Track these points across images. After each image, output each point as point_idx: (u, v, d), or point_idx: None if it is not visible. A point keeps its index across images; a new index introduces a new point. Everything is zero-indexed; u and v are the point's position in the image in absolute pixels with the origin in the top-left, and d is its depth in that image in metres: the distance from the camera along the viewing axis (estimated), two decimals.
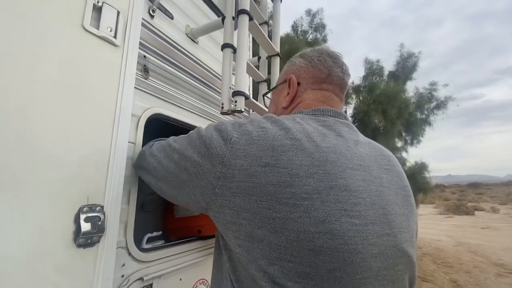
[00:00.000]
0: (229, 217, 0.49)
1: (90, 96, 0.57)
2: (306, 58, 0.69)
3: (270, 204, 0.45)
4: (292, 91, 0.68)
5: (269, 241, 0.45)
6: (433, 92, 5.92)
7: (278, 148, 0.48)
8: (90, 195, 0.56)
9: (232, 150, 0.49)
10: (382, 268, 0.47)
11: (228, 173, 0.49)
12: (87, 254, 0.54)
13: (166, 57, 0.91)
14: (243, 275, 0.49)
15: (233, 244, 0.49)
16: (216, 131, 0.54)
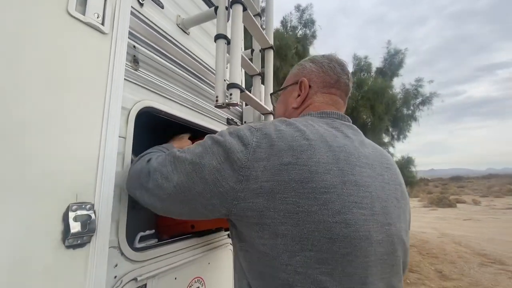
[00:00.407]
0: (252, 219, 0.52)
1: (77, 86, 0.53)
2: (317, 63, 0.74)
3: (294, 199, 0.49)
4: (303, 93, 0.72)
5: (292, 235, 0.49)
6: (418, 88, 6.06)
7: (297, 148, 0.52)
8: (79, 193, 0.52)
9: (254, 154, 0.52)
10: (384, 253, 0.54)
11: (251, 175, 0.51)
12: (77, 256, 0.51)
13: (157, 48, 0.87)
14: (265, 272, 0.52)
15: (258, 244, 0.52)
16: (235, 137, 0.56)
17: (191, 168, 0.55)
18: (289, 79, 0.79)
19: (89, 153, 0.55)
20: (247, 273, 0.55)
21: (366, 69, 6.03)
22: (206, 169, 0.54)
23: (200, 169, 0.54)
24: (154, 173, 0.59)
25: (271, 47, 1.17)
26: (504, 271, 4.64)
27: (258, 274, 0.54)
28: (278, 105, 0.83)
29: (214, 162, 0.54)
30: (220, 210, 0.55)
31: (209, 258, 1.02)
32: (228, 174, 0.52)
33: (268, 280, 0.52)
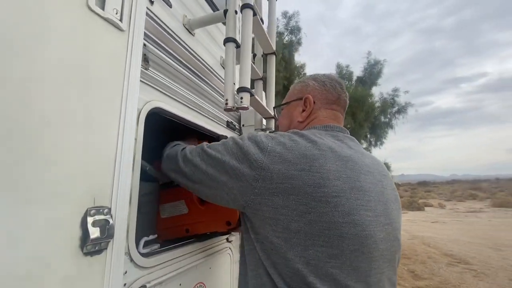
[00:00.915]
0: (267, 213, 0.59)
1: (96, 85, 0.51)
2: (319, 82, 0.82)
3: (307, 201, 0.56)
4: (309, 108, 0.80)
5: (305, 232, 0.56)
6: (395, 97, 6.41)
7: (310, 157, 0.59)
8: (96, 197, 0.50)
9: (269, 157, 0.60)
10: (385, 250, 0.62)
11: (267, 176, 0.59)
12: (94, 263, 0.48)
13: (165, 47, 0.85)
14: (280, 262, 0.58)
15: (271, 235, 0.59)
16: (252, 142, 0.64)
17: (215, 163, 0.66)
18: (292, 94, 0.86)
19: (107, 154, 0.52)
20: (264, 261, 0.61)
21: (347, 77, 6.27)
22: (227, 165, 0.63)
23: (222, 164, 0.64)
24: (188, 161, 0.71)
25: (274, 52, 1.18)
26: (469, 270, 5.00)
27: (272, 263, 0.59)
28: (281, 118, 0.89)
29: (233, 161, 0.63)
30: (239, 200, 0.63)
31: (210, 263, 1.00)
32: (246, 172, 0.60)
33: (282, 269, 0.58)
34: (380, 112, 6.20)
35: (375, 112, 5.91)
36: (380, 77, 6.51)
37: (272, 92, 1.19)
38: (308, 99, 0.80)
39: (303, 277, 0.55)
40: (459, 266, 5.29)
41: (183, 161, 0.72)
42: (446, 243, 7.35)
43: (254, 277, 0.63)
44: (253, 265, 0.64)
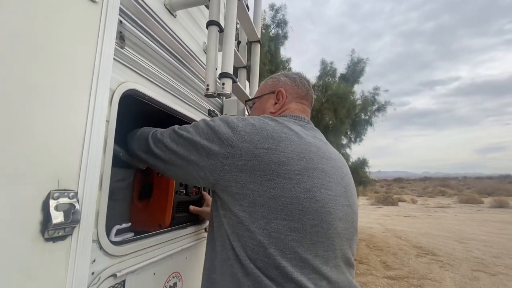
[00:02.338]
0: (235, 189, 0.63)
1: (64, 60, 0.47)
2: (290, 78, 0.89)
3: (272, 177, 0.60)
4: (281, 101, 0.85)
5: (269, 206, 0.60)
6: (376, 96, 6.59)
7: (277, 138, 0.64)
8: (61, 179, 0.46)
9: (238, 136, 0.64)
10: (343, 228, 0.66)
11: (236, 153, 0.62)
12: (57, 249, 0.45)
13: (144, 26, 0.80)
14: (244, 234, 0.61)
15: (238, 210, 0.62)
16: (223, 122, 0.67)
17: (187, 143, 0.68)
18: (264, 89, 0.92)
19: (74, 134, 0.49)
20: (230, 235, 0.64)
21: (331, 74, 6.35)
22: (198, 144, 0.66)
23: (193, 144, 0.66)
24: (158, 142, 0.72)
25: (259, 41, 1.16)
26: (436, 261, 5.34)
27: (237, 237, 0.62)
28: (253, 111, 0.93)
29: (204, 141, 0.65)
30: (209, 178, 0.66)
31: (186, 253, 0.98)
32: (216, 150, 0.64)
33: (245, 242, 0.61)
34: (361, 109, 6.35)
35: (356, 109, 6.05)
36: (362, 75, 6.66)
37: (256, 81, 1.17)
38: (281, 92, 0.85)
39: (264, 248, 0.59)
40: (427, 257, 5.63)
41: (153, 142, 0.73)
42: (416, 236, 7.78)
43: (221, 251, 0.66)
44: (221, 241, 0.67)
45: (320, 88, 6.03)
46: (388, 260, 5.41)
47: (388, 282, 4.19)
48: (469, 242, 7.08)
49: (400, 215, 13.45)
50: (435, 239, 7.40)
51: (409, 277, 4.40)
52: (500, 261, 5.32)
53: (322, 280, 0.60)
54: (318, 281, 0.60)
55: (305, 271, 0.59)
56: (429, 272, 4.66)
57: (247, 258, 0.60)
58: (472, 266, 5.01)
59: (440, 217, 12.59)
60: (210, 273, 0.70)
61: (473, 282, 4.22)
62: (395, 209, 16.52)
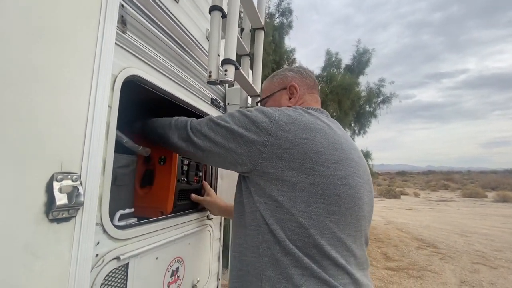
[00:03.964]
0: (273, 175, 0.67)
1: (66, 42, 0.47)
2: (296, 72, 0.92)
3: (311, 165, 0.65)
4: (296, 94, 0.88)
5: (309, 191, 0.65)
6: (381, 87, 6.49)
7: (313, 129, 0.69)
8: (64, 162, 0.47)
9: (277, 126, 0.68)
10: (367, 211, 0.74)
11: (275, 142, 0.67)
12: (62, 231, 0.46)
13: (146, 11, 0.79)
14: (284, 217, 0.66)
15: (277, 194, 0.66)
16: (260, 112, 0.71)
17: (225, 131, 0.72)
18: (272, 87, 0.93)
19: (77, 118, 0.49)
20: (267, 219, 0.67)
21: (336, 64, 6.25)
22: (236, 133, 0.70)
23: (231, 133, 0.71)
24: (197, 131, 0.76)
25: (263, 28, 1.14)
26: (436, 253, 5.37)
27: (275, 220, 0.66)
28: None
29: (242, 129, 0.70)
30: (247, 164, 0.70)
31: (189, 239, 1.00)
32: (254, 139, 0.68)
33: (286, 224, 0.65)
34: (365, 101, 6.28)
35: (360, 101, 5.98)
36: (368, 66, 6.54)
37: (259, 69, 1.16)
38: (294, 87, 0.88)
39: (305, 229, 0.64)
40: (428, 249, 5.66)
41: (192, 131, 0.77)
42: (418, 229, 7.81)
43: (255, 235, 0.70)
44: (254, 225, 0.70)
45: (324, 79, 5.95)
46: (389, 251, 5.45)
47: (388, 273, 4.23)
48: (470, 236, 7.09)
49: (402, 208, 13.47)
50: (437, 232, 7.43)
51: (409, 269, 4.44)
52: (501, 255, 5.33)
53: (351, 257, 0.68)
54: (348, 258, 0.67)
55: (339, 249, 0.66)
56: (429, 264, 4.69)
57: (286, 239, 0.65)
58: (472, 259, 5.03)
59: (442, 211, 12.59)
60: (241, 256, 0.74)
61: (473, 274, 4.24)
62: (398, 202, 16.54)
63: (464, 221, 9.51)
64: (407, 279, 4.01)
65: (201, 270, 1.10)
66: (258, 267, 0.68)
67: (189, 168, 1.05)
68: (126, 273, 0.69)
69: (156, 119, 0.89)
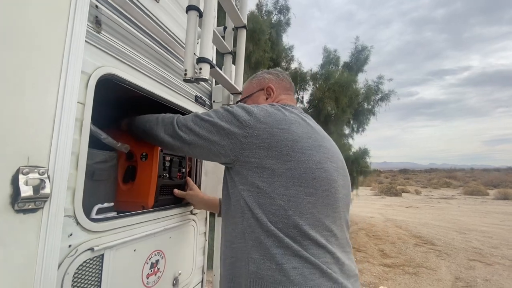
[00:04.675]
0: (254, 164, 0.73)
1: (33, 40, 0.49)
2: (273, 74, 1.01)
3: (288, 152, 0.72)
4: (273, 95, 0.96)
5: (286, 175, 0.71)
6: (379, 85, 6.48)
7: (288, 121, 0.76)
8: (31, 156, 0.49)
9: (255, 119, 0.75)
10: (344, 194, 0.80)
11: (254, 133, 0.73)
12: (28, 221, 0.48)
13: (122, 11, 0.82)
14: (265, 202, 0.71)
15: (258, 181, 0.72)
16: (240, 108, 0.78)
17: (209, 125, 0.77)
18: (251, 88, 1.02)
19: (43, 115, 0.51)
20: (250, 205, 0.72)
21: (334, 62, 6.24)
22: (219, 126, 0.76)
23: (215, 126, 0.77)
24: (183, 126, 0.81)
25: (244, 26, 1.15)
26: (433, 250, 5.39)
27: (258, 205, 0.72)
28: None
29: (224, 123, 0.76)
30: (229, 155, 0.76)
31: (170, 232, 1.03)
32: (236, 131, 0.74)
33: (267, 208, 0.71)
34: (364, 98, 6.27)
35: (358, 99, 5.98)
36: (366, 63, 6.53)
37: (241, 67, 1.18)
38: (270, 88, 0.96)
39: (285, 210, 0.69)
40: (425, 246, 5.68)
41: (178, 126, 0.82)
42: (417, 226, 7.82)
43: (241, 222, 0.75)
44: (240, 213, 0.75)
45: (322, 77, 5.95)
46: (386, 248, 5.47)
47: (384, 269, 4.26)
48: (469, 233, 7.10)
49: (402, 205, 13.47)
50: (435, 230, 7.43)
51: (405, 265, 4.46)
52: (498, 252, 5.34)
53: (332, 237, 0.73)
54: (329, 238, 0.72)
55: (319, 229, 0.71)
56: (425, 261, 4.71)
57: (268, 222, 0.70)
58: (469, 256, 5.05)
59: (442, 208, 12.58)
60: (231, 244, 0.78)
61: (468, 271, 4.26)
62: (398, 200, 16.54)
63: (464, 218, 9.51)
64: (402, 275, 4.04)
65: (184, 263, 1.13)
66: (244, 251, 0.73)
67: (171, 165, 1.07)
68: (101, 264, 0.72)
69: (143, 116, 0.94)
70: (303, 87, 6.20)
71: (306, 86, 6.29)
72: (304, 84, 6.19)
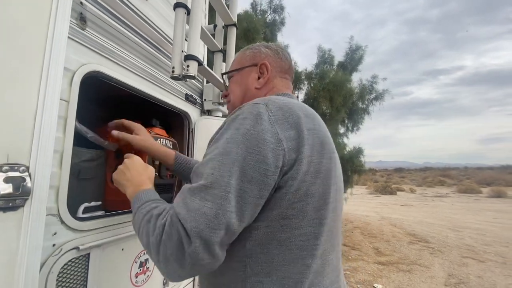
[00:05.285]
0: (291, 188, 0.51)
1: (12, 36, 0.48)
2: (272, 49, 0.78)
3: (320, 160, 0.54)
4: (266, 75, 0.74)
5: (319, 193, 0.54)
6: (374, 84, 6.52)
7: (310, 116, 0.58)
8: (10, 153, 0.49)
9: (278, 125, 0.52)
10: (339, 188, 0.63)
11: (288, 145, 0.51)
12: (8, 219, 0.48)
13: (109, 8, 0.81)
14: (287, 236, 0.52)
15: (285, 210, 0.51)
16: (251, 119, 0.52)
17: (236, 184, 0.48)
18: (243, 61, 0.78)
19: (24, 112, 0.50)
20: (260, 250, 0.52)
21: (329, 61, 6.26)
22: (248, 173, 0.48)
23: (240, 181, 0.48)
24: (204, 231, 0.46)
25: (234, 24, 1.15)
26: (427, 248, 5.44)
27: (278, 243, 0.52)
28: (233, 85, 0.79)
29: (250, 160, 0.49)
30: (270, 191, 0.51)
31: None
32: (270, 157, 0.49)
33: (292, 242, 0.52)
34: (358, 97, 6.31)
35: (353, 98, 6.01)
36: (361, 63, 6.56)
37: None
38: (265, 65, 0.74)
39: (315, 238, 0.53)
40: (419, 244, 5.73)
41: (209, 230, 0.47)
42: (411, 224, 7.89)
43: (234, 271, 0.54)
44: (236, 260, 0.54)
45: (317, 76, 5.97)
46: (381, 246, 5.51)
47: (378, 267, 4.29)
48: (462, 230, 7.18)
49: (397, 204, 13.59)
50: (429, 227, 7.51)
51: (399, 263, 4.50)
52: (491, 249, 5.42)
53: None
54: None
55: None
56: (419, 258, 4.76)
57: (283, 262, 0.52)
58: (462, 253, 5.11)
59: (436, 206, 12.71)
60: None
61: (461, 268, 4.31)
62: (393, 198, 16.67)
63: (457, 216, 9.63)
64: (396, 273, 4.07)
65: None
66: None
67: (160, 164, 1.07)
68: (87, 263, 0.71)
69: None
70: (298, 86, 6.21)
71: (301, 86, 6.30)
72: (299, 83, 6.20)
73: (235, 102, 0.77)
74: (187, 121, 1.25)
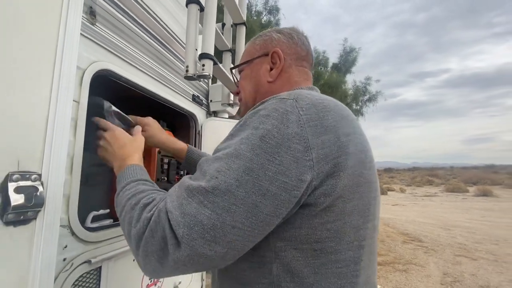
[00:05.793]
0: (321, 205, 0.43)
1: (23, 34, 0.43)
2: (285, 34, 0.66)
3: (360, 171, 0.46)
4: (279, 65, 0.63)
5: (358, 210, 0.46)
6: (367, 86, 6.61)
7: (347, 117, 0.49)
8: (21, 160, 0.43)
9: (310, 128, 0.42)
10: None
11: (319, 155, 0.42)
12: (19, 234, 0.43)
13: (119, 3, 0.76)
14: (324, 261, 0.44)
15: (319, 231, 0.43)
16: (276, 119, 0.42)
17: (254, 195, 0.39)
18: (253, 51, 0.68)
19: (36, 114, 0.46)
20: (290, 278, 0.44)
21: (323, 63, 6.31)
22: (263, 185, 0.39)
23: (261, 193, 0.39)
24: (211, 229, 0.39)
25: (244, 23, 1.12)
26: (421, 247, 5.52)
27: (311, 270, 0.44)
28: (243, 81, 0.69)
29: (267, 170, 0.40)
30: (290, 209, 0.42)
31: None
32: (293, 168, 0.40)
33: (328, 269, 0.44)
34: (352, 99, 6.38)
35: (347, 99, 6.07)
36: (354, 64, 6.64)
37: None
38: (277, 53, 0.63)
39: (355, 263, 0.45)
40: (413, 243, 5.81)
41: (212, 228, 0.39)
42: (404, 224, 8.00)
43: None
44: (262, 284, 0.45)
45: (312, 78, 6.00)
46: None
47: None
48: (453, 229, 7.33)
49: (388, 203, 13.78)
50: (421, 226, 7.63)
51: (395, 263, 4.54)
52: (482, 247, 5.54)
53: None
54: None
55: None
56: (414, 258, 4.81)
57: None
58: (455, 252, 5.20)
59: (427, 205, 12.96)
60: None
61: (455, 266, 4.39)
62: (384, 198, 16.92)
63: (447, 215, 9.83)
64: (393, 273, 4.10)
65: None
66: None
67: (169, 167, 1.02)
68: (99, 277, 0.66)
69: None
70: None
71: None
72: None
73: (247, 101, 0.68)
74: (194, 122, 1.20)
